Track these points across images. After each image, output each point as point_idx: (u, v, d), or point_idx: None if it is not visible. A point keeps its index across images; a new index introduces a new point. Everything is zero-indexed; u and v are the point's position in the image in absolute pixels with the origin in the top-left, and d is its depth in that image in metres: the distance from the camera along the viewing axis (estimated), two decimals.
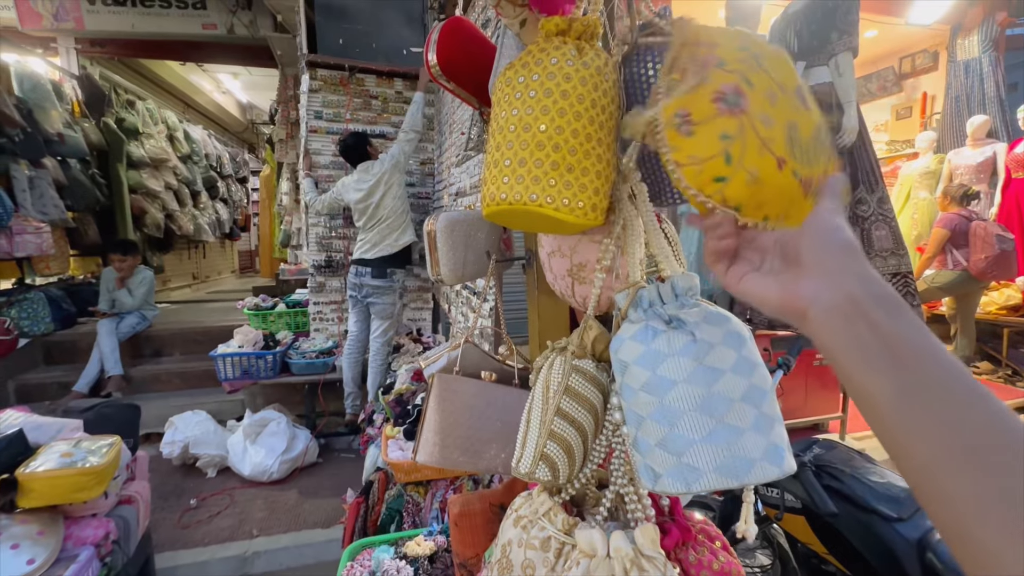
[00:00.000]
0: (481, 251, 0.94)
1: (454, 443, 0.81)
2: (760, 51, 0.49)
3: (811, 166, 0.45)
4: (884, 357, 0.29)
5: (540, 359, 0.67)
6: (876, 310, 0.31)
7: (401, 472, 1.93)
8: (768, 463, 0.46)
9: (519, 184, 0.58)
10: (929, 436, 0.27)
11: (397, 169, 3.22)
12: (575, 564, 0.54)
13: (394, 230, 3.26)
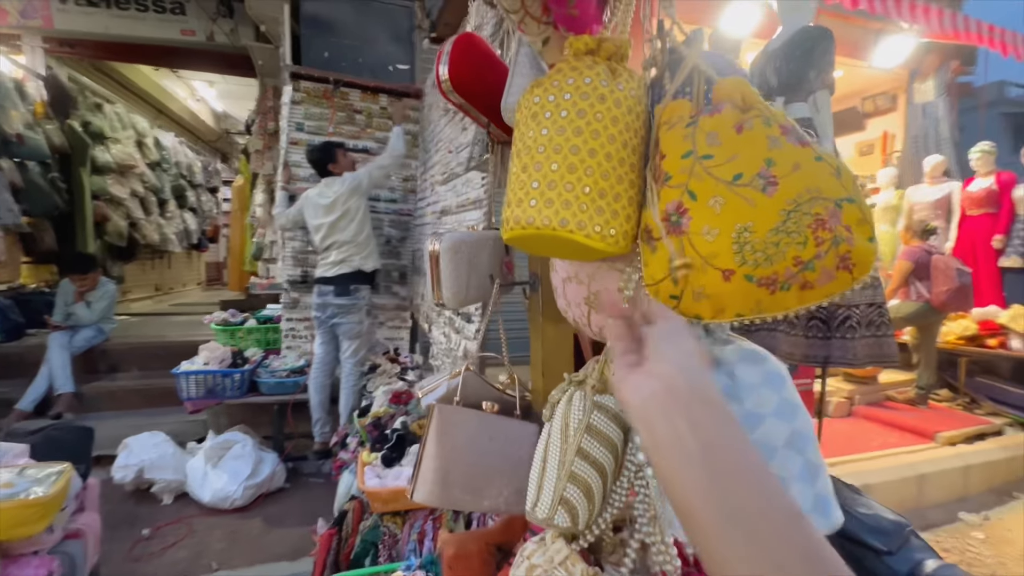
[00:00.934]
0: (484, 274, 0.90)
1: (456, 481, 0.75)
2: (712, 143, 0.49)
3: (773, 263, 0.45)
4: (703, 467, 0.29)
5: (557, 392, 0.63)
6: (697, 409, 0.31)
7: (378, 502, 1.83)
8: (817, 515, 0.43)
9: (548, 208, 0.55)
10: (744, 563, 0.27)
11: (356, 193, 3.05)
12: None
13: (355, 255, 3.08)
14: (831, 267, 0.44)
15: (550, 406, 0.63)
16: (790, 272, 0.46)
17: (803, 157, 0.47)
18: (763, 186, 0.47)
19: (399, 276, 3.83)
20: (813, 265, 0.45)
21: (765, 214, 0.46)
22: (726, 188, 0.48)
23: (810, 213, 0.45)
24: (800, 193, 0.45)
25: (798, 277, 0.46)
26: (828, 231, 0.44)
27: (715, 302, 0.50)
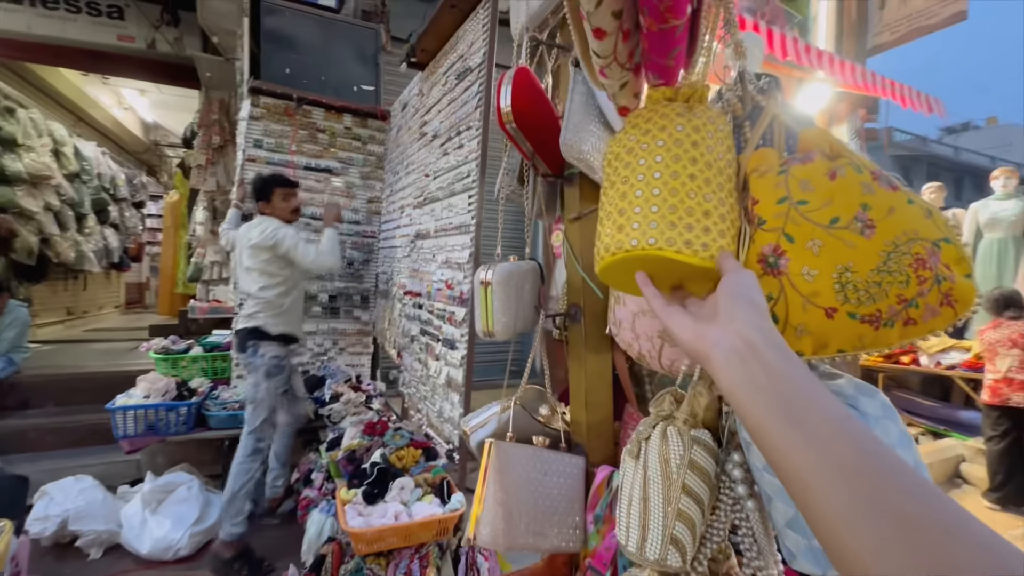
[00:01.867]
0: (529, 305, 0.89)
1: (520, 519, 0.73)
2: (806, 189, 0.53)
3: (876, 301, 0.49)
4: (772, 393, 0.34)
5: (644, 428, 0.63)
6: (768, 352, 0.36)
7: (363, 543, 1.72)
8: None
9: (652, 230, 0.55)
10: (807, 456, 0.31)
11: (269, 251, 2.56)
12: None
13: (261, 312, 2.62)
14: (935, 304, 0.49)
15: (637, 442, 0.63)
16: (894, 309, 0.49)
17: (897, 201, 0.51)
18: (861, 229, 0.50)
19: (361, 300, 3.69)
20: (917, 302, 0.49)
21: (865, 255, 0.50)
22: (824, 231, 0.52)
23: (910, 253, 0.49)
24: (898, 235, 0.49)
25: (902, 314, 0.49)
26: (929, 270, 0.48)
27: (817, 338, 0.52)
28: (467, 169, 2.09)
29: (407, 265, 2.84)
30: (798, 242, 0.53)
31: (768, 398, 0.34)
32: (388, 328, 3.18)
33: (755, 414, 0.35)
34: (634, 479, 0.61)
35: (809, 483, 0.31)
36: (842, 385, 0.52)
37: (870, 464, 0.30)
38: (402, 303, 2.88)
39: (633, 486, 0.61)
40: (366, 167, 3.68)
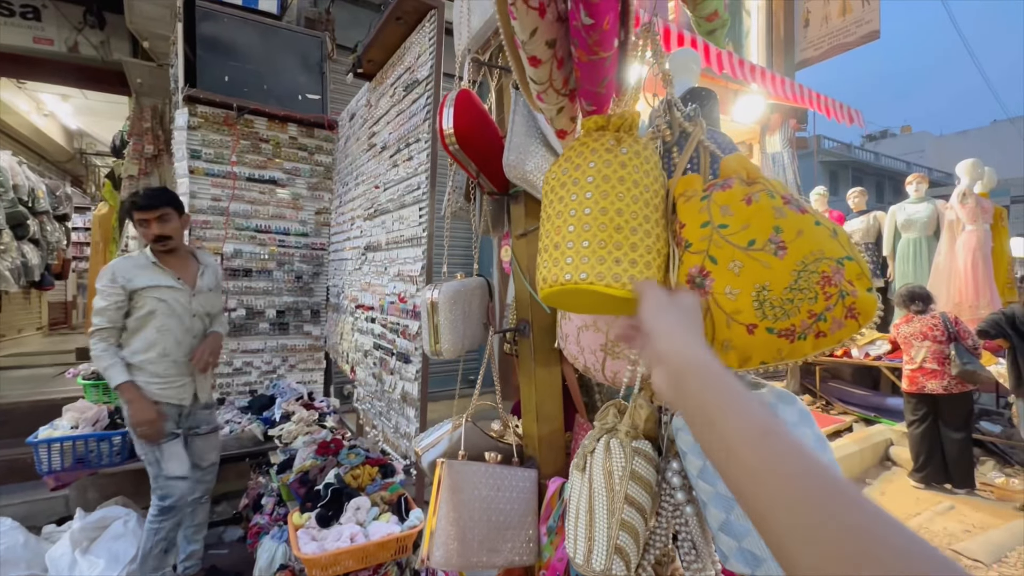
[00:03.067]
0: (477, 322, 0.90)
1: (474, 538, 0.73)
2: (726, 214, 0.58)
3: (790, 316, 0.54)
4: (697, 418, 0.40)
5: (589, 442, 0.66)
6: (688, 377, 0.41)
7: (317, 568, 1.66)
8: None
9: (583, 265, 0.58)
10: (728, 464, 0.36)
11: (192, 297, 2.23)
12: None
13: None
14: (840, 317, 0.53)
15: (583, 455, 0.65)
16: (805, 324, 0.54)
17: (805, 223, 0.56)
18: (775, 250, 0.55)
19: (311, 314, 3.58)
20: (825, 316, 0.53)
21: (779, 275, 0.54)
22: (743, 253, 0.56)
23: (817, 271, 0.54)
24: (806, 255, 0.54)
25: (813, 328, 0.54)
26: (834, 286, 0.53)
27: (741, 352, 0.56)
28: (417, 181, 2.08)
29: (358, 278, 2.79)
30: (721, 263, 0.56)
31: (695, 425, 0.40)
32: (341, 342, 3.09)
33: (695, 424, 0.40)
34: (580, 492, 0.63)
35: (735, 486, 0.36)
36: (764, 394, 0.56)
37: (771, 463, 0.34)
38: (354, 317, 2.82)
39: (580, 499, 0.62)
40: (314, 178, 3.58)
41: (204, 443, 2.41)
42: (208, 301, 2.35)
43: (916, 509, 3.50)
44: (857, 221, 5.61)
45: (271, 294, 3.41)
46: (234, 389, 3.33)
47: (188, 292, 2.25)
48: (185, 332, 2.25)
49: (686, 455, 0.56)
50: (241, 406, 3.21)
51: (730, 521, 0.52)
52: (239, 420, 3.03)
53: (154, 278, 2.17)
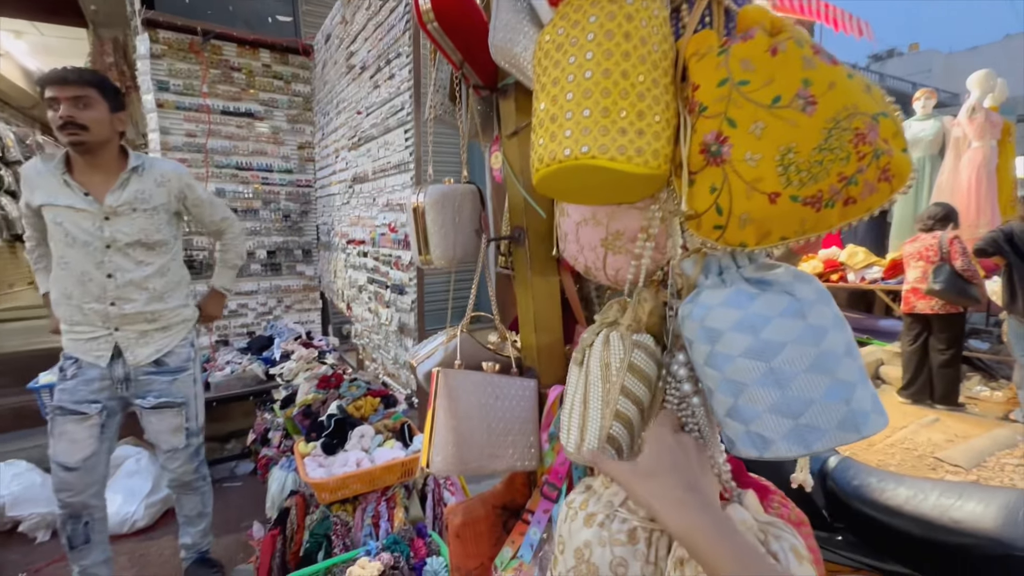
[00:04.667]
0: (468, 229, 0.84)
1: (472, 445, 0.71)
2: (747, 69, 0.49)
3: (817, 181, 0.47)
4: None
5: (588, 335, 0.62)
6: (695, 535, 0.43)
7: (326, 492, 1.71)
8: (877, 414, 0.48)
9: (585, 136, 0.51)
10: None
11: (170, 197, 1.77)
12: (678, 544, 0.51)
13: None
14: (873, 180, 0.48)
15: (582, 349, 0.61)
16: (834, 188, 0.48)
17: (837, 75, 0.49)
18: (803, 106, 0.48)
19: (303, 254, 3.51)
20: (856, 179, 0.48)
21: (807, 134, 0.48)
22: (766, 112, 0.49)
23: (850, 128, 0.47)
24: (839, 110, 0.47)
25: (842, 193, 0.48)
26: (868, 145, 0.47)
27: (760, 226, 0.51)
28: (400, 101, 1.94)
29: (347, 212, 2.70)
30: (740, 126, 0.50)
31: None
32: (335, 281, 3.05)
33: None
34: (576, 385, 0.60)
35: None
36: (780, 274, 0.51)
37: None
38: (346, 253, 2.75)
39: (576, 391, 0.60)
40: (293, 109, 3.38)
41: (156, 420, 1.80)
42: (140, 226, 1.68)
43: (903, 423, 3.64)
44: None
45: (260, 234, 3.33)
46: (232, 331, 3.32)
47: (96, 213, 1.62)
48: (96, 267, 1.64)
49: (692, 343, 0.52)
50: (240, 347, 3.21)
51: (738, 406, 0.49)
52: (239, 360, 3.04)
53: (52, 192, 1.60)
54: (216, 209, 1.95)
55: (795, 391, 0.47)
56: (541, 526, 0.77)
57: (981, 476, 2.95)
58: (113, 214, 1.66)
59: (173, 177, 1.79)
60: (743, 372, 0.49)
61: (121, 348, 1.72)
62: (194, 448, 1.92)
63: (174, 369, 1.82)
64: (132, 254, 1.70)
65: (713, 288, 0.53)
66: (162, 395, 1.79)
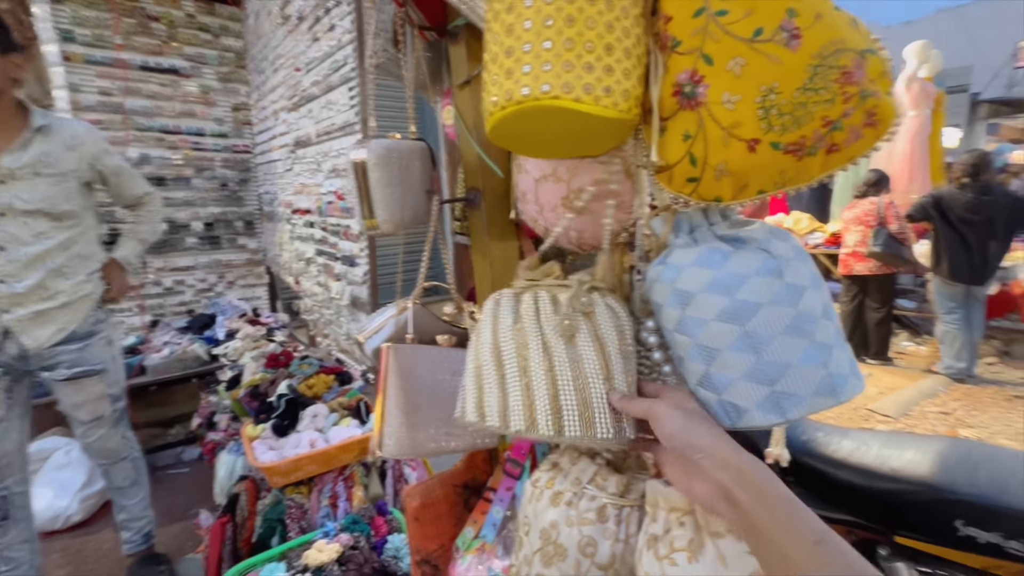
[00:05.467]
0: (419, 190, 0.76)
1: (429, 425, 0.66)
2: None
3: (800, 126, 0.43)
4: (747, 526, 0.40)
5: (530, 299, 0.56)
6: (738, 491, 0.40)
7: (278, 475, 1.63)
8: (855, 377, 0.45)
9: (546, 73, 0.44)
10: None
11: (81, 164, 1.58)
12: (653, 519, 0.47)
13: None
14: (858, 125, 0.44)
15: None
16: (818, 134, 0.44)
17: (823, 6, 0.44)
18: (787, 40, 0.43)
19: (245, 226, 3.28)
20: (841, 124, 0.44)
21: (791, 72, 0.43)
22: (746, 47, 0.44)
23: (836, 66, 0.43)
24: (825, 45, 0.43)
25: (826, 140, 0.44)
26: (855, 85, 0.43)
27: (738, 179, 0.47)
28: (343, 56, 1.78)
29: (290, 180, 2.51)
30: (718, 63, 0.44)
31: (749, 535, 0.40)
32: (281, 254, 2.87)
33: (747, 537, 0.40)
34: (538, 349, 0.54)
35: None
36: (755, 230, 0.48)
37: None
38: (292, 224, 2.58)
39: (520, 358, 0.54)
40: (224, 66, 3.09)
41: (73, 392, 1.66)
42: (43, 193, 1.49)
43: None
44: None
45: (194, 205, 3.07)
46: (168, 310, 3.09)
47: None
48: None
49: (662, 308, 0.48)
50: (179, 327, 3.00)
51: (710, 374, 0.46)
52: (178, 341, 2.84)
53: None
54: (136, 181, 1.75)
55: (771, 355, 0.43)
56: (504, 504, 0.73)
57: (908, 424, 3.20)
58: (10, 177, 1.46)
59: (88, 140, 1.59)
60: (716, 337, 0.45)
61: (14, 332, 1.53)
62: (119, 413, 1.78)
63: (83, 335, 1.64)
64: (32, 224, 1.50)
65: (684, 247, 0.49)
66: (75, 364, 1.63)
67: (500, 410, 0.52)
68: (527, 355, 0.52)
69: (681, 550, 0.45)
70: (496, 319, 0.57)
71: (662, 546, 0.46)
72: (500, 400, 0.52)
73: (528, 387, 0.50)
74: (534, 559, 0.53)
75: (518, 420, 0.50)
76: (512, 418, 0.50)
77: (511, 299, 0.59)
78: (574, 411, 0.48)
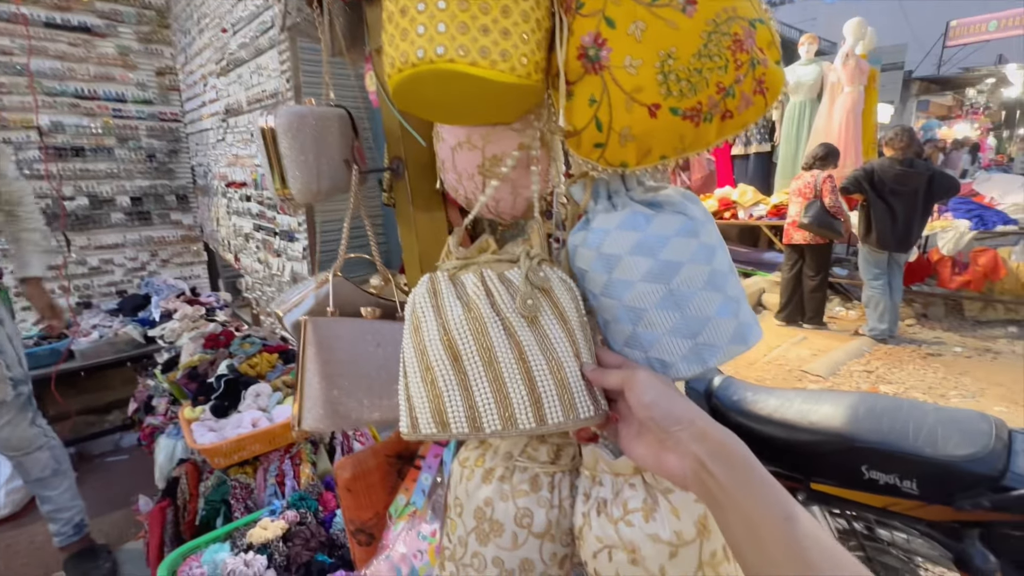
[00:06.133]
0: (336, 159, 0.73)
1: (351, 399, 0.65)
2: None
3: (696, 91, 0.44)
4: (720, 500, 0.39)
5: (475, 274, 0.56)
6: (713, 464, 0.39)
7: (220, 456, 1.59)
8: (757, 326, 0.48)
9: (441, 35, 0.43)
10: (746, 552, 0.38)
11: None
12: (598, 484, 0.49)
13: None
14: (749, 92, 0.45)
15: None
16: (713, 100, 0.45)
17: None
18: (683, 6, 0.44)
19: (177, 200, 3.08)
20: (733, 91, 0.45)
21: (687, 37, 0.44)
22: (646, 10, 0.44)
23: (728, 34, 0.44)
24: (718, 12, 0.44)
25: (720, 106, 0.46)
26: (746, 53, 0.44)
27: (641, 143, 0.47)
28: (271, 16, 1.67)
29: (224, 151, 2.37)
30: (620, 26, 0.44)
31: (718, 509, 0.39)
32: (218, 229, 2.73)
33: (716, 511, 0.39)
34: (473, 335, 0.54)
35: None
36: (669, 194, 0.49)
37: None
38: (228, 198, 2.44)
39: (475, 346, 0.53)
40: (143, 25, 2.83)
41: None
42: None
43: (777, 343, 4.13)
44: None
45: (119, 177, 2.85)
46: (96, 291, 2.90)
47: None
48: None
49: (587, 273, 0.49)
50: (110, 309, 2.82)
51: (637, 333, 0.48)
52: (109, 324, 2.67)
53: None
54: (7, 164, 1.56)
55: (693, 310, 0.46)
56: (432, 470, 0.74)
57: (835, 382, 3.46)
58: None
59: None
60: (642, 297, 0.47)
61: None
62: (25, 397, 1.66)
63: None
64: None
65: (606, 212, 0.50)
66: None
67: (468, 414, 0.46)
68: (490, 344, 0.46)
69: (636, 511, 0.46)
70: (440, 310, 0.50)
71: (615, 509, 0.47)
72: (465, 402, 0.46)
73: (498, 380, 0.45)
74: (469, 539, 0.54)
75: (492, 420, 0.45)
76: (485, 419, 0.45)
77: (448, 284, 0.53)
78: (554, 396, 0.44)
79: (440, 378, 0.47)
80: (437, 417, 0.46)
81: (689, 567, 0.43)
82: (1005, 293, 4.26)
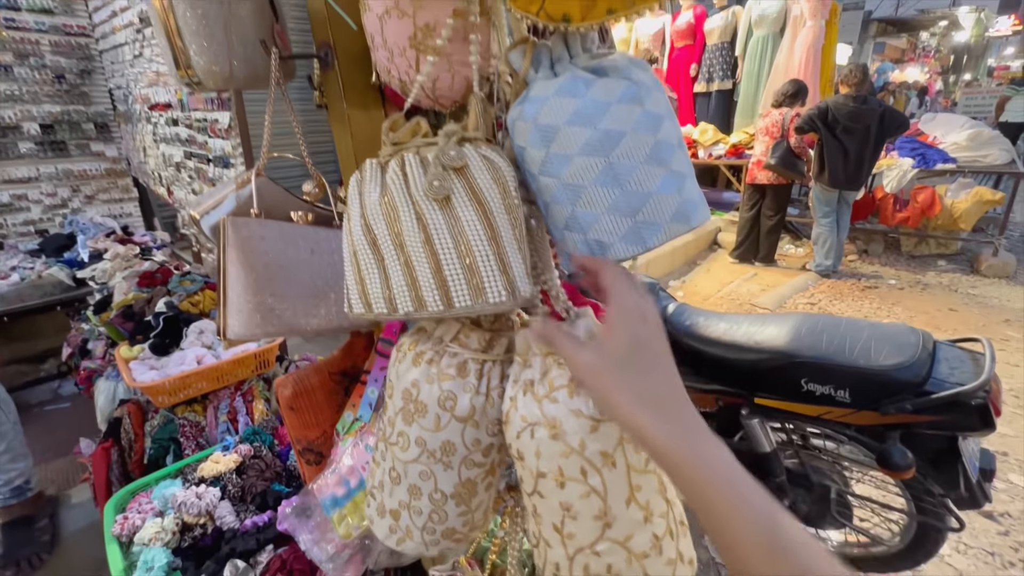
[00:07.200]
0: (251, 39, 0.64)
1: (280, 303, 0.60)
2: None
3: None
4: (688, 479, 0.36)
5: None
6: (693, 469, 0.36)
7: (163, 394, 1.52)
8: (703, 206, 0.46)
9: None
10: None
11: None
12: (528, 367, 0.47)
13: None
14: None
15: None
16: None
17: None
18: None
19: (96, 128, 2.77)
20: None
21: None
22: None
23: None
24: None
25: None
26: None
27: None
28: None
29: (143, 68, 2.11)
30: None
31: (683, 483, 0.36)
32: (146, 160, 2.49)
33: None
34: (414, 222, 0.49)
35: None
36: (616, 59, 0.45)
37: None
38: (153, 123, 2.21)
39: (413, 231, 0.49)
40: None
41: None
42: None
43: (730, 279, 4.27)
44: (717, 18, 5.56)
45: (22, 101, 2.52)
46: (12, 230, 2.63)
47: None
48: None
49: (525, 150, 0.45)
50: (29, 249, 2.58)
51: (576, 214, 0.45)
52: (30, 265, 2.46)
53: None
54: None
55: (633, 185, 0.42)
56: (378, 384, 0.72)
57: None
58: None
59: None
60: (581, 172, 0.43)
61: None
62: None
63: None
64: None
65: (545, 79, 0.45)
66: None
67: (386, 295, 0.48)
68: (400, 229, 0.46)
69: (562, 388, 0.45)
70: (362, 195, 0.51)
71: (540, 387, 0.46)
72: (383, 284, 0.48)
73: (408, 264, 0.46)
74: (396, 419, 0.52)
75: (405, 302, 0.46)
76: (399, 301, 0.47)
77: (376, 170, 0.52)
78: (461, 280, 0.44)
79: (363, 261, 0.49)
80: (363, 299, 0.50)
81: (609, 442, 0.43)
82: (938, 229, 4.51)
